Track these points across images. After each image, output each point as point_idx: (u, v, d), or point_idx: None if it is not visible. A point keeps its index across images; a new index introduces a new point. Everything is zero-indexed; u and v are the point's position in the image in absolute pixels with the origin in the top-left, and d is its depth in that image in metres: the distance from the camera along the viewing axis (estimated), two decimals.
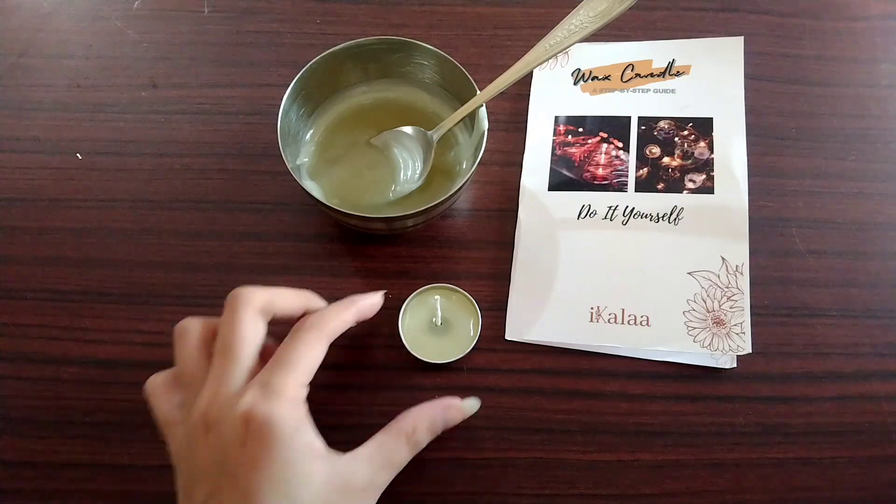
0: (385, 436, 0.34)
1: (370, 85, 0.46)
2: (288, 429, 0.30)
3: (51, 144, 0.48)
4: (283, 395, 0.30)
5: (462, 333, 0.40)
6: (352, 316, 0.36)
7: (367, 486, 0.32)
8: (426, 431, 0.35)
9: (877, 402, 0.40)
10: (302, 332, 0.33)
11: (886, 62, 0.49)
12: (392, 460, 0.33)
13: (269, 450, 0.29)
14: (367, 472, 0.32)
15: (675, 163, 0.46)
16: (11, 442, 0.40)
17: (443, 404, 0.36)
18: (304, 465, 0.30)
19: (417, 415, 0.35)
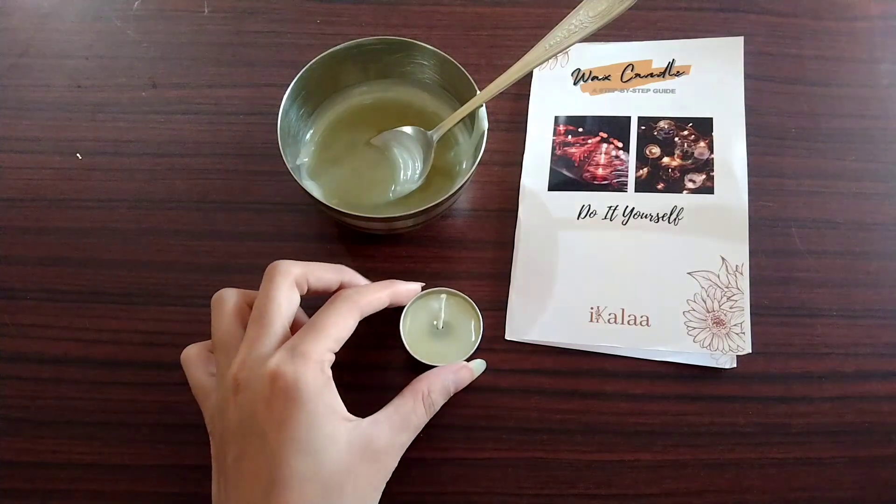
0: (402, 399, 0.35)
1: (370, 85, 0.46)
2: (312, 390, 0.31)
3: (51, 144, 0.48)
4: (309, 358, 0.31)
5: (463, 337, 0.39)
6: (387, 296, 0.37)
7: (388, 448, 0.33)
8: (440, 393, 0.36)
9: (877, 402, 0.40)
10: (336, 302, 0.34)
11: (886, 62, 0.49)
12: (410, 422, 0.34)
13: (294, 409, 0.30)
14: (387, 433, 0.33)
15: (675, 163, 0.46)
16: (11, 442, 0.40)
17: (453, 368, 0.37)
18: (327, 427, 0.31)
19: (431, 378, 0.36)
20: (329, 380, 0.32)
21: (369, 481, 0.32)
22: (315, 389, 0.31)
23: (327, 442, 0.31)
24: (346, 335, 0.34)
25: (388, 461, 0.33)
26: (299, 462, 0.30)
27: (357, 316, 0.34)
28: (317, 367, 0.31)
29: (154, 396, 0.41)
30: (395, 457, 0.33)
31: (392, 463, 0.33)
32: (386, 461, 0.33)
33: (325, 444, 0.31)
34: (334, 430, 0.31)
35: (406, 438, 0.34)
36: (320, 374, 0.31)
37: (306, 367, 0.31)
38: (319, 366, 0.32)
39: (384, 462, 0.33)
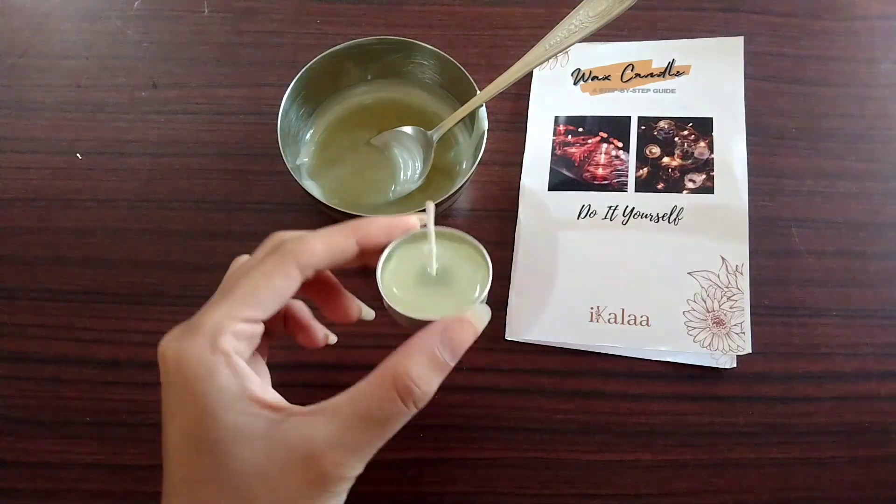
0: (363, 384, 0.25)
1: (370, 85, 0.47)
2: (198, 370, 0.24)
3: (51, 144, 0.48)
4: (197, 331, 0.25)
5: (463, 290, 0.29)
6: (345, 238, 0.28)
7: (332, 454, 0.24)
8: (426, 368, 0.25)
9: (877, 402, 0.40)
10: (266, 256, 0.27)
11: (886, 62, 0.49)
12: (372, 416, 0.24)
13: (177, 396, 0.25)
14: (330, 432, 0.24)
15: (675, 163, 0.46)
16: (11, 442, 0.40)
17: (438, 327, 0.26)
18: (228, 416, 0.24)
19: (407, 351, 0.25)
20: (228, 356, 0.25)
21: (300, 498, 0.24)
22: (203, 370, 0.24)
23: (230, 435, 0.24)
24: (272, 298, 0.26)
25: (333, 472, 0.24)
26: (193, 461, 0.24)
27: (290, 271, 0.26)
28: (205, 342, 0.24)
29: (154, 396, 0.40)
30: (343, 467, 0.24)
31: (339, 474, 0.24)
32: (328, 472, 0.24)
33: (226, 438, 0.24)
34: (240, 421, 0.24)
35: (366, 440, 0.25)
36: (209, 349, 0.24)
37: (192, 343, 0.25)
38: (210, 339, 0.25)
39: (325, 473, 0.24)
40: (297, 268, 0.26)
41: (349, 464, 0.24)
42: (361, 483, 0.40)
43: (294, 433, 0.24)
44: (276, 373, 0.31)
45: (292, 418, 0.24)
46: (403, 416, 0.25)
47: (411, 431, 0.39)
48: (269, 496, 0.24)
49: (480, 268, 0.30)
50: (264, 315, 0.26)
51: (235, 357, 0.25)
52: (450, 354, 0.26)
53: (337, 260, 0.28)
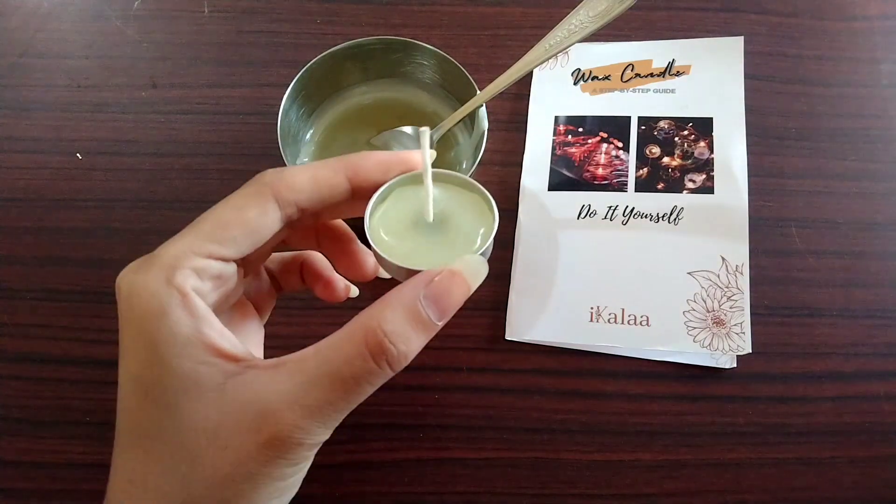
0: (334, 335, 0.22)
1: (370, 85, 0.46)
2: (151, 306, 0.22)
3: (51, 144, 0.48)
4: (155, 262, 0.22)
5: (462, 240, 0.26)
6: (333, 172, 0.25)
7: (289, 414, 0.21)
8: (404, 323, 0.22)
9: (877, 402, 0.40)
10: (243, 188, 0.25)
11: (886, 62, 0.49)
12: (339, 372, 0.21)
13: (128, 335, 0.23)
14: (288, 387, 0.21)
15: (675, 163, 0.46)
16: (11, 442, 0.40)
17: (426, 278, 0.23)
18: (183, 363, 0.21)
19: (386, 302, 0.22)
20: (185, 293, 0.22)
21: (249, 461, 0.21)
22: (155, 305, 0.22)
23: (179, 384, 0.21)
24: (244, 235, 0.23)
25: (288, 435, 0.21)
26: (140, 409, 0.22)
27: (266, 205, 0.23)
28: (159, 275, 0.22)
29: None
30: (301, 430, 0.21)
31: (296, 438, 0.21)
32: (283, 434, 0.21)
33: (174, 388, 0.21)
34: (191, 369, 0.21)
35: (329, 402, 0.21)
36: (163, 283, 0.22)
37: (146, 276, 0.22)
38: (166, 273, 0.22)
39: (279, 435, 0.21)
40: (276, 202, 0.23)
41: (308, 428, 0.21)
42: (361, 483, 0.41)
43: (249, 387, 0.21)
44: None
45: (250, 371, 0.22)
46: (375, 377, 0.22)
47: (411, 432, 0.40)
48: (216, 456, 0.21)
49: (485, 217, 0.26)
50: (235, 253, 0.23)
51: (193, 296, 0.22)
52: (435, 311, 0.22)
53: (324, 197, 0.25)
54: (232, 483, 0.21)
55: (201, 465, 0.21)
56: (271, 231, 0.24)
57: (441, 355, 0.41)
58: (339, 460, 0.39)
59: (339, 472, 0.39)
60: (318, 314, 0.42)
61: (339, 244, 0.29)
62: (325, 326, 0.41)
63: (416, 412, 0.40)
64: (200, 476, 0.21)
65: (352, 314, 0.23)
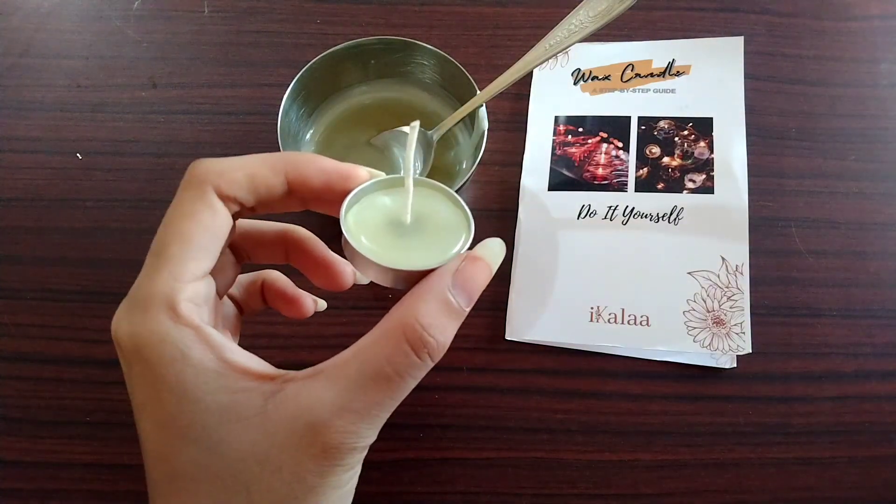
0: (368, 337, 0.22)
1: (370, 85, 0.46)
2: (164, 351, 0.21)
3: (51, 144, 0.48)
4: (150, 303, 0.21)
5: (442, 242, 0.25)
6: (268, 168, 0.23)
7: (336, 417, 0.20)
8: (440, 316, 0.22)
9: (877, 402, 0.40)
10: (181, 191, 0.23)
11: (886, 62, 0.49)
12: (382, 371, 0.21)
13: (142, 384, 0.21)
14: (333, 395, 0.21)
15: (675, 163, 0.46)
16: (11, 442, 0.40)
17: (450, 268, 0.23)
18: (207, 400, 0.21)
19: (416, 298, 0.22)
20: (197, 327, 0.21)
21: (307, 476, 0.21)
22: (170, 349, 0.21)
23: (217, 419, 0.21)
24: (209, 241, 0.22)
25: (342, 442, 0.21)
26: (176, 455, 0.21)
27: (212, 203, 0.22)
28: (162, 316, 0.21)
29: None
30: (353, 435, 0.21)
31: (349, 444, 0.21)
32: (336, 442, 0.21)
33: (213, 423, 0.21)
34: (228, 400, 0.21)
35: (377, 402, 0.21)
36: (171, 324, 0.21)
37: (147, 319, 0.21)
38: (167, 311, 0.21)
39: (333, 444, 0.21)
40: (219, 198, 0.22)
41: (360, 431, 0.21)
42: (361, 483, 0.40)
43: (292, 403, 0.21)
44: None
45: (288, 385, 0.21)
46: (418, 370, 0.22)
47: (411, 432, 0.40)
48: (272, 479, 0.20)
49: (459, 219, 0.26)
50: (210, 263, 0.23)
51: (204, 327, 0.21)
52: (465, 298, 0.22)
53: (261, 193, 0.23)
54: (294, 501, 0.21)
55: (258, 491, 0.21)
56: (228, 228, 0.23)
57: None
58: None
59: None
60: (318, 314, 0.42)
61: (311, 255, 0.28)
62: (325, 326, 0.42)
63: (416, 412, 0.40)
64: (259, 502, 0.21)
65: (352, 313, 0.23)
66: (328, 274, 0.29)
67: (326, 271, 0.29)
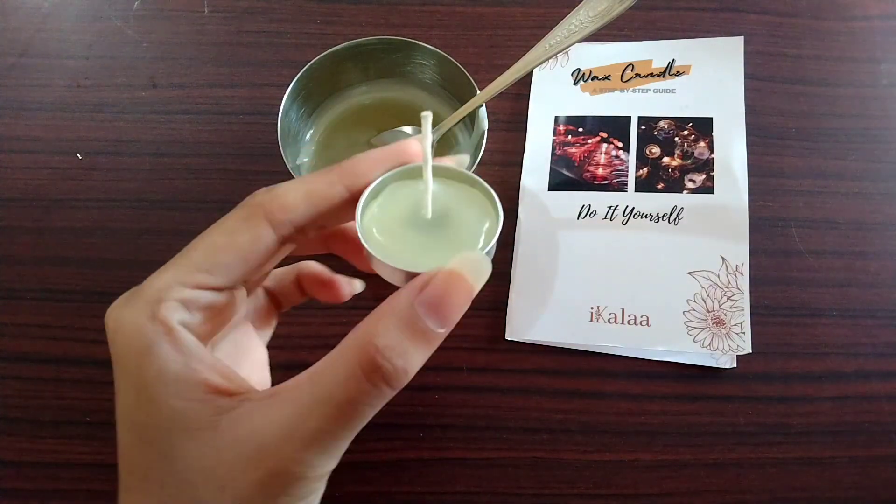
0: (327, 357, 0.20)
1: (370, 85, 0.46)
2: (134, 343, 0.21)
3: (51, 144, 0.48)
4: (141, 296, 0.21)
5: (464, 239, 0.23)
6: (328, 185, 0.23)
7: (284, 443, 0.19)
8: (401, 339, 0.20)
9: (877, 402, 0.40)
10: (233, 211, 0.23)
11: (886, 62, 0.49)
12: (333, 398, 0.19)
13: (118, 374, 0.22)
14: (283, 419, 0.20)
15: (675, 163, 0.46)
16: (11, 442, 0.40)
17: (420, 282, 0.20)
18: (165, 403, 0.20)
19: (379, 317, 0.20)
20: (170, 328, 0.21)
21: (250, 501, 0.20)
22: (140, 343, 0.21)
23: (172, 425, 0.20)
24: (236, 261, 0.22)
25: (289, 470, 0.19)
26: (137, 451, 0.21)
27: (258, 228, 0.22)
28: (144, 310, 0.21)
29: None
30: (302, 464, 0.20)
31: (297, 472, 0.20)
32: (284, 470, 0.19)
33: (168, 428, 0.20)
34: (184, 408, 0.20)
35: (328, 431, 0.20)
36: (149, 320, 0.21)
37: (131, 310, 0.21)
38: (150, 307, 0.21)
39: (279, 472, 0.19)
40: (269, 224, 0.22)
41: (309, 460, 0.20)
42: (361, 483, 0.41)
43: (244, 422, 0.20)
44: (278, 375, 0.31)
45: (245, 405, 0.20)
46: (373, 398, 0.19)
47: (411, 432, 0.40)
48: (214, 498, 0.19)
49: (488, 215, 0.24)
50: (226, 281, 0.22)
51: (179, 330, 0.21)
52: (434, 318, 0.20)
53: (322, 212, 0.23)
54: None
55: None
56: (266, 255, 0.23)
57: (441, 355, 0.41)
58: (340, 460, 0.39)
59: (339, 472, 0.39)
60: (319, 314, 0.42)
61: (351, 242, 0.28)
62: (325, 326, 0.42)
63: (416, 412, 0.40)
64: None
65: (352, 313, 0.22)
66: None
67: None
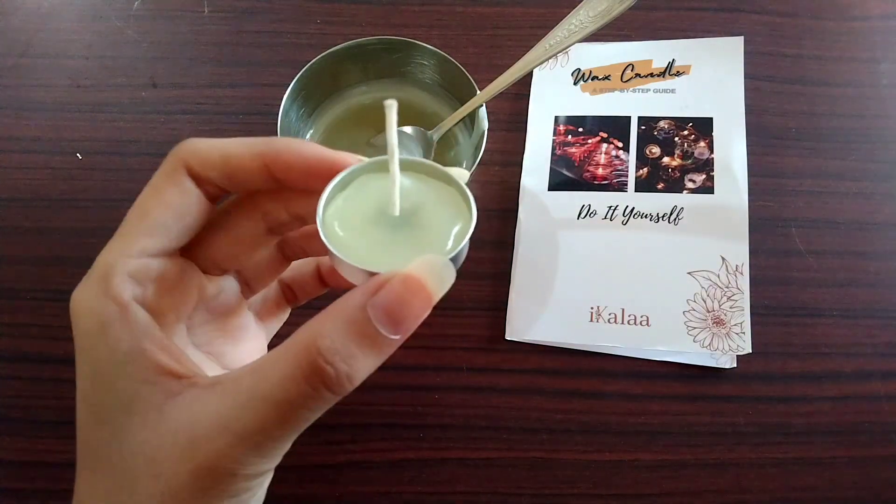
0: (275, 350, 0.19)
1: (370, 85, 0.46)
2: (88, 323, 0.21)
3: (51, 144, 0.48)
4: (92, 275, 0.21)
5: (433, 239, 0.22)
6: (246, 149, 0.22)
7: (217, 436, 0.19)
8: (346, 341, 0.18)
9: (877, 402, 0.40)
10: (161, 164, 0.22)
11: (886, 62, 0.49)
12: (272, 397, 0.18)
13: (77, 351, 0.21)
14: (220, 410, 0.19)
15: (675, 163, 0.46)
16: (11, 442, 0.40)
17: (375, 284, 0.19)
18: (115, 383, 0.20)
19: (326, 318, 0.19)
20: (123, 304, 0.20)
21: (181, 492, 0.19)
22: (92, 322, 0.20)
23: (121, 405, 0.20)
24: (172, 219, 0.21)
25: (221, 465, 0.19)
26: (91, 430, 0.21)
27: (181, 180, 0.21)
28: (96, 287, 0.21)
29: None
30: (235, 461, 0.19)
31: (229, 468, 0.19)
32: (216, 464, 0.19)
33: (118, 408, 0.20)
34: (133, 389, 0.20)
35: (263, 430, 0.19)
36: (101, 297, 0.20)
37: (85, 290, 0.21)
38: (102, 284, 0.21)
39: (211, 466, 0.19)
40: (191, 178, 0.21)
41: (240, 458, 0.19)
42: (361, 483, 0.41)
43: (185, 409, 0.19)
44: None
45: (190, 391, 0.19)
46: (313, 403, 0.18)
47: (411, 432, 0.40)
48: (151, 485, 0.19)
49: (461, 215, 0.22)
50: (167, 242, 0.21)
51: (132, 307, 0.20)
52: (387, 324, 0.18)
53: (238, 180, 0.22)
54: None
55: (138, 493, 0.19)
56: (198, 210, 0.22)
57: (441, 355, 0.41)
58: (339, 460, 0.39)
59: (339, 472, 0.39)
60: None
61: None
62: None
63: (416, 412, 0.40)
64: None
65: None
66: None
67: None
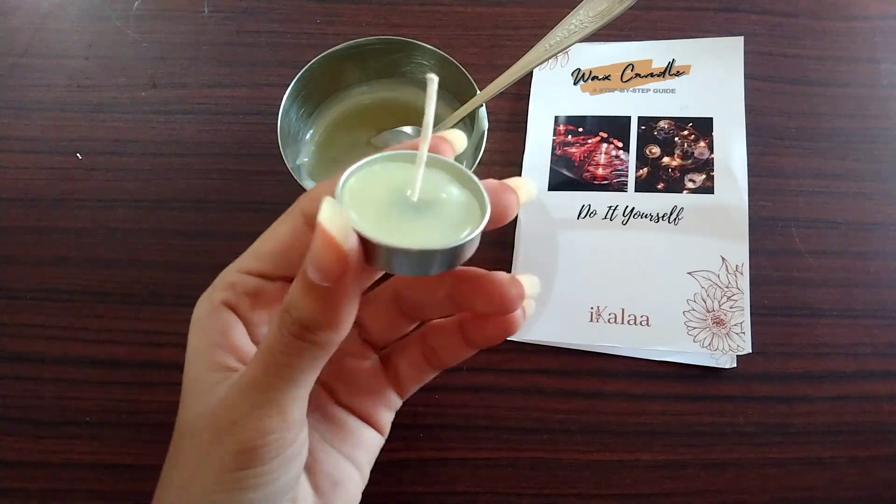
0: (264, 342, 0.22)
1: (370, 85, 0.46)
2: (196, 326, 0.24)
3: (51, 144, 0.48)
4: (213, 285, 0.25)
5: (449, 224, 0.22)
6: None
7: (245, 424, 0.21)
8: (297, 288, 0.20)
9: (877, 402, 0.40)
10: None
11: (886, 62, 0.49)
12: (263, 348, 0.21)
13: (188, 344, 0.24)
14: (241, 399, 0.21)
15: (675, 163, 0.46)
16: (11, 442, 0.40)
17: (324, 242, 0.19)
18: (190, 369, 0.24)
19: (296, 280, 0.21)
20: (216, 309, 0.24)
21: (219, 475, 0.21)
22: (199, 326, 0.24)
23: (189, 386, 0.23)
24: (275, 247, 0.24)
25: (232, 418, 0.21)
26: (181, 408, 0.24)
27: (293, 218, 0.24)
28: (208, 292, 0.24)
29: (154, 396, 0.41)
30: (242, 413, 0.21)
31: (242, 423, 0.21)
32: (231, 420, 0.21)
33: (186, 389, 0.23)
34: (199, 374, 0.23)
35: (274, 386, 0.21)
36: (206, 299, 0.24)
37: (203, 297, 0.24)
38: (212, 289, 0.24)
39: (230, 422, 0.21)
40: (303, 216, 0.23)
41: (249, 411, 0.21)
42: None
43: (218, 403, 0.22)
44: None
45: (222, 385, 0.22)
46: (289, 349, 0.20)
47: (411, 432, 0.40)
48: (201, 461, 0.22)
49: (472, 206, 0.22)
50: (271, 267, 0.24)
51: (221, 308, 0.24)
52: (312, 268, 0.19)
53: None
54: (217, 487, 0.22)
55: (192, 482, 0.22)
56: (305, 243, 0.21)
57: None
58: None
59: None
60: None
61: (474, 281, 0.25)
62: None
63: (416, 412, 0.40)
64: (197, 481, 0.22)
65: None
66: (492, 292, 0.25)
67: (489, 289, 0.25)
